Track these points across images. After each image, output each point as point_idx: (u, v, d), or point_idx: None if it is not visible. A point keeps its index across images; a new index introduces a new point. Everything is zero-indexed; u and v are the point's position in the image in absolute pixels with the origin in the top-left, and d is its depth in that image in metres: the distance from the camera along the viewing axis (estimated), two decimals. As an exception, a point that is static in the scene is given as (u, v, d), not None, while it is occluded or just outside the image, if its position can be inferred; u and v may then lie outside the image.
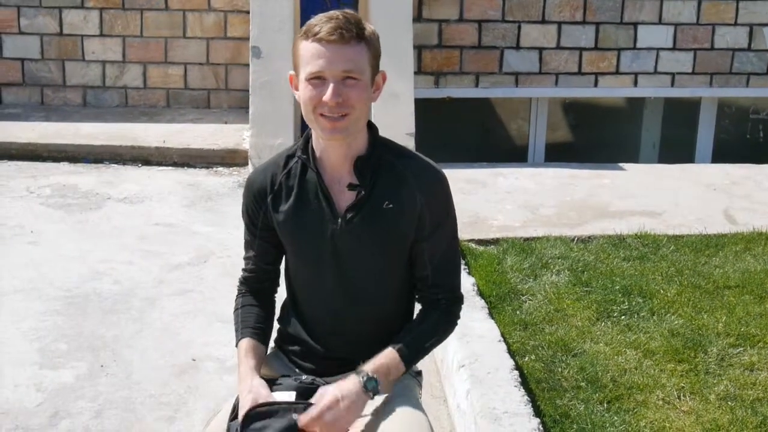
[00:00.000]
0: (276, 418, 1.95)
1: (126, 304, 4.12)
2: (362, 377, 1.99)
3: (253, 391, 2.03)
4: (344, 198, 2.12)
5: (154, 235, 4.95)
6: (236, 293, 2.31)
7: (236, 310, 2.27)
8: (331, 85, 1.98)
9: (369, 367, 2.02)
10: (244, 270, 2.29)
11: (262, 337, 2.21)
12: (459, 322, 2.23)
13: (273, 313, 2.30)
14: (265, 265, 2.26)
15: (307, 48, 1.99)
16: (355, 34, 1.99)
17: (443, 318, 2.18)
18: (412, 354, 2.10)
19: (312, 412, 1.94)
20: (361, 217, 2.10)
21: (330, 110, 1.99)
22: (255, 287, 2.28)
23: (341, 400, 1.96)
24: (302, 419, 1.94)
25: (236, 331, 2.23)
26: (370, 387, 1.99)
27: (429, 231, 2.12)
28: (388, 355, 2.06)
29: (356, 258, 2.13)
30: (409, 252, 2.15)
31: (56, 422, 3.20)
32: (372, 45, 2.03)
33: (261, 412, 1.97)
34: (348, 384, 1.99)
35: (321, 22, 1.99)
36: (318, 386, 2.07)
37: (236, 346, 2.21)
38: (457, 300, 2.21)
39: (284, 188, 2.15)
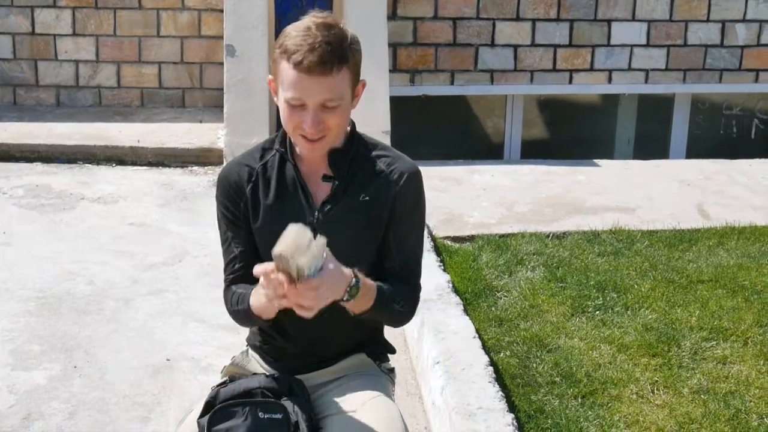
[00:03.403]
0: (241, 419, 1.94)
1: (100, 304, 4.09)
2: (354, 281, 1.94)
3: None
4: (321, 191, 2.12)
5: (128, 235, 4.92)
6: (224, 295, 2.18)
7: (233, 293, 2.13)
8: (310, 114, 1.98)
9: (363, 279, 1.97)
10: (230, 274, 2.16)
11: None
12: (434, 318, 2.24)
13: None
14: (255, 259, 2.09)
15: (288, 73, 1.96)
16: (337, 62, 1.95)
17: (410, 296, 2.15)
18: (385, 302, 2.05)
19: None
20: (337, 209, 2.10)
21: (309, 134, 2.00)
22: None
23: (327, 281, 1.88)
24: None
25: (241, 299, 2.09)
26: (352, 293, 1.94)
27: (398, 221, 2.12)
28: (373, 286, 2.02)
29: (332, 250, 2.12)
30: (380, 244, 2.14)
31: (29, 424, 3.17)
32: (354, 62, 2.01)
33: (226, 412, 1.96)
34: (345, 273, 1.93)
35: (303, 49, 1.93)
36: (290, 380, 2.07)
37: (248, 306, 2.06)
38: (419, 289, 2.19)
39: (261, 180, 2.14)
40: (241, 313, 2.12)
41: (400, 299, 2.12)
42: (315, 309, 1.86)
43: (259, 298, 1.99)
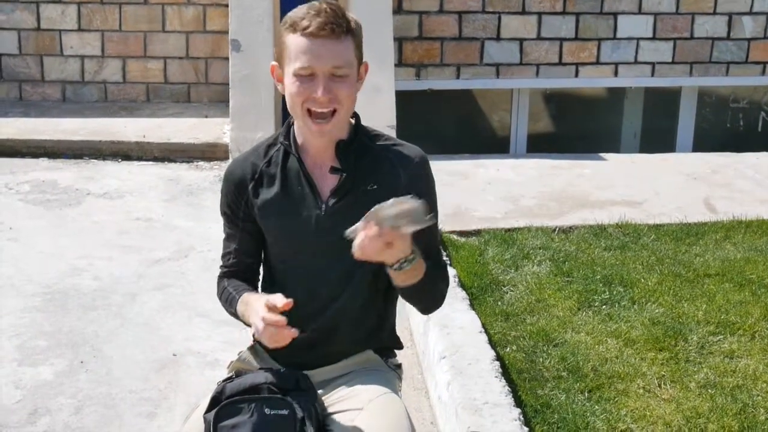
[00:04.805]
0: (248, 415, 1.94)
1: (106, 299, 4.09)
2: (411, 256, 1.92)
3: (267, 300, 1.96)
4: (327, 183, 2.11)
5: (134, 231, 4.92)
6: (217, 284, 2.25)
7: (224, 289, 2.20)
8: (321, 82, 1.97)
9: (419, 258, 1.95)
10: (223, 266, 2.24)
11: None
12: (440, 313, 2.22)
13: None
14: (247, 258, 2.22)
15: (295, 42, 1.97)
16: (344, 28, 1.99)
17: (447, 277, 2.17)
18: (433, 278, 2.04)
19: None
20: (344, 201, 2.09)
21: (320, 105, 1.99)
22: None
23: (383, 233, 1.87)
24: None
25: (229, 301, 2.16)
26: (410, 259, 1.92)
27: None
28: (423, 263, 2.00)
29: (339, 243, 2.11)
30: None
31: (35, 419, 3.17)
32: (357, 37, 2.04)
33: (232, 408, 1.95)
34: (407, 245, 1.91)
35: (309, 15, 1.97)
36: (297, 376, 2.06)
37: (235, 310, 2.13)
38: (446, 266, 2.20)
39: (265, 176, 2.14)
40: (228, 309, 2.21)
41: (443, 277, 2.13)
42: (366, 254, 1.87)
43: (246, 316, 2.08)
